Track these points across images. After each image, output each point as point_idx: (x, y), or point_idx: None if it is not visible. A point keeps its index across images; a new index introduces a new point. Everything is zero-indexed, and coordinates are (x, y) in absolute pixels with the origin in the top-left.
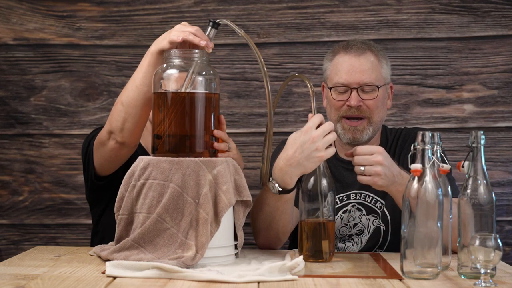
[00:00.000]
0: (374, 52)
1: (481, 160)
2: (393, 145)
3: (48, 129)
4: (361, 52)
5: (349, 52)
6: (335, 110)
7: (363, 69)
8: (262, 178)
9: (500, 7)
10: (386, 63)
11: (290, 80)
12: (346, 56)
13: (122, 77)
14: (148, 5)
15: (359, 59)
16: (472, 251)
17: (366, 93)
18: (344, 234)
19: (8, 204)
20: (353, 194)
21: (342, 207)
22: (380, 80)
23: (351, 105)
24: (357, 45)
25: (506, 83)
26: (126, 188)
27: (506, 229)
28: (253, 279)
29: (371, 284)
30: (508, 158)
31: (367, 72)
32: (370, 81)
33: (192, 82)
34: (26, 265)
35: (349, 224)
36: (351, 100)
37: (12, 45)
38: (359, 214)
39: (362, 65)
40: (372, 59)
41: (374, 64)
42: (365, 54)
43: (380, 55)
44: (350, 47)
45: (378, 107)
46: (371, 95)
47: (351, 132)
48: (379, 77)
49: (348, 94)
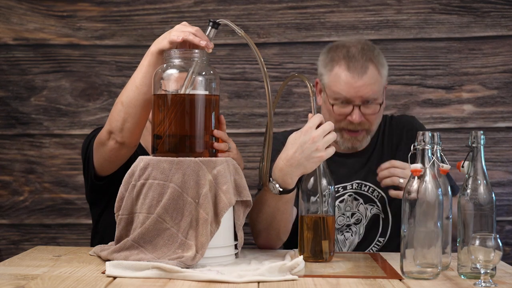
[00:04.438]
0: (375, 63)
1: (481, 160)
2: (387, 134)
3: (49, 129)
4: (364, 70)
5: (351, 70)
6: (334, 120)
7: (366, 85)
8: (262, 178)
9: (500, 7)
10: (385, 70)
11: (290, 80)
12: (349, 73)
13: (122, 77)
14: (148, 5)
15: (362, 78)
16: (472, 251)
17: (368, 108)
18: (342, 224)
19: (8, 204)
20: (350, 185)
21: (339, 196)
22: (381, 91)
23: (353, 121)
24: (360, 62)
25: (505, 83)
26: (126, 188)
27: (506, 229)
28: (253, 279)
29: (371, 284)
30: (508, 158)
31: (369, 87)
32: (373, 97)
33: (192, 82)
34: (26, 265)
35: (346, 213)
36: (354, 116)
37: (12, 45)
38: (356, 204)
39: (365, 83)
40: (374, 74)
41: (376, 79)
42: (368, 70)
43: (379, 64)
44: (353, 62)
45: (378, 117)
46: (373, 110)
47: (350, 142)
48: (380, 88)
49: (349, 107)
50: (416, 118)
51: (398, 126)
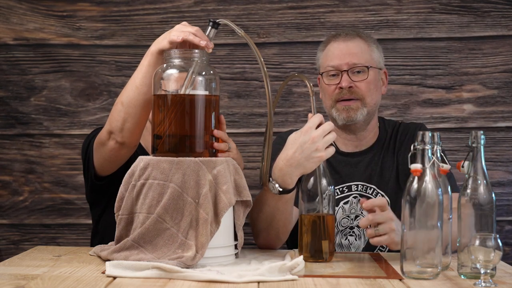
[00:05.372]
0: (363, 38)
1: (481, 160)
2: (392, 138)
3: (49, 129)
4: (350, 38)
5: (338, 38)
6: (328, 96)
7: (352, 52)
8: (262, 178)
9: (500, 7)
10: (376, 48)
11: (290, 80)
12: (336, 42)
13: (122, 77)
14: (148, 5)
15: (348, 44)
16: (472, 251)
17: (357, 75)
18: (345, 226)
19: (8, 204)
20: (355, 186)
21: (343, 198)
22: (371, 62)
23: (342, 87)
24: (346, 32)
25: (505, 83)
26: (126, 188)
27: (506, 229)
28: (253, 279)
29: (371, 284)
30: (508, 158)
31: (356, 54)
32: (359, 62)
33: (192, 82)
34: (26, 265)
35: (350, 215)
36: (342, 82)
37: (12, 45)
38: (360, 206)
39: (351, 49)
40: (361, 44)
41: (363, 48)
42: (354, 39)
43: (369, 40)
44: (339, 34)
45: (371, 89)
46: (362, 77)
47: (345, 111)
48: (369, 59)
49: (339, 78)
50: (425, 125)
51: (404, 132)
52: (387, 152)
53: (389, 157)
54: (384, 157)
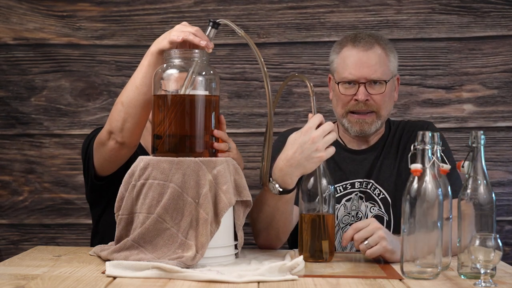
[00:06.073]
0: (382, 45)
1: (481, 160)
2: (396, 136)
3: (49, 129)
4: (369, 47)
5: (357, 45)
6: (342, 105)
7: (370, 64)
8: (262, 179)
9: (500, 8)
10: (393, 56)
11: (290, 80)
12: (354, 50)
13: (122, 77)
14: (148, 5)
15: (367, 53)
16: (472, 251)
17: (374, 87)
18: (346, 223)
19: (8, 204)
20: (358, 183)
21: (345, 195)
22: (388, 74)
23: (358, 100)
24: (365, 39)
25: (505, 83)
26: (126, 188)
27: (506, 229)
28: (253, 279)
29: (371, 284)
30: (508, 158)
31: (374, 66)
32: (377, 77)
33: (192, 82)
34: (26, 265)
35: (351, 212)
36: (359, 94)
37: (12, 45)
38: (361, 203)
39: (369, 60)
40: (379, 53)
41: (381, 58)
42: (373, 48)
43: (387, 48)
44: (358, 40)
45: (386, 101)
46: (379, 90)
47: (358, 124)
48: (387, 71)
49: (355, 88)
50: (432, 124)
51: (410, 129)
52: (390, 149)
53: (393, 154)
54: (387, 154)
